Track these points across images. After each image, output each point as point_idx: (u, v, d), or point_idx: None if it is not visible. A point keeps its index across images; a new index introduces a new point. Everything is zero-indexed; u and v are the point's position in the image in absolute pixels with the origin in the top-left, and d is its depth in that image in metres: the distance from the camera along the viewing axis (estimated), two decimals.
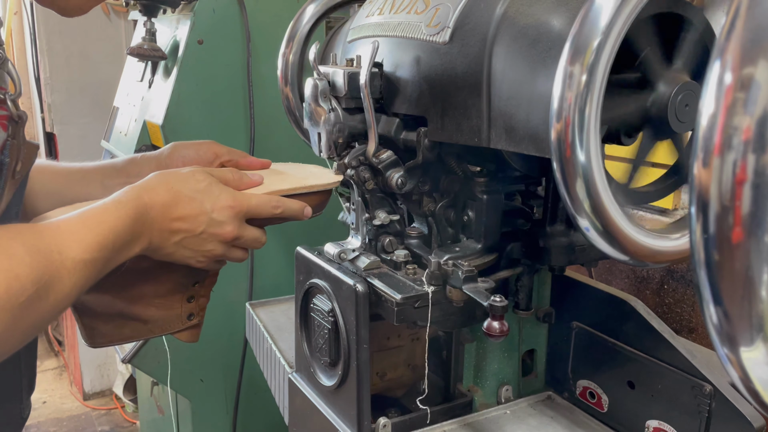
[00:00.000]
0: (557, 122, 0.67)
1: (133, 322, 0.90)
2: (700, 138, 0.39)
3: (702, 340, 1.32)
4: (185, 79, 1.80)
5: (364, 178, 0.99)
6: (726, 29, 0.38)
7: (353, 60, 0.99)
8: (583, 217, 0.69)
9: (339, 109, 0.98)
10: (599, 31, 0.64)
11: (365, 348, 0.95)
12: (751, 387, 0.41)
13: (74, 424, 3.20)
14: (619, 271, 1.53)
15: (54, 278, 0.67)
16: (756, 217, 0.37)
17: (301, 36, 1.21)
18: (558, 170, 0.68)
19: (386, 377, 1.12)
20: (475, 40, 0.83)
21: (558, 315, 1.11)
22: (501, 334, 0.81)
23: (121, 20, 3.10)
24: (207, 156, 1.00)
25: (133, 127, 1.97)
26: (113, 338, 0.91)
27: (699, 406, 0.88)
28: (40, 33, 3.02)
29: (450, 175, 1.01)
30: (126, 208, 0.77)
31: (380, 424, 1.00)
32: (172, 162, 1.00)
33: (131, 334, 0.92)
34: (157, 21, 1.86)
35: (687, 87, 0.75)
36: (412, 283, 0.93)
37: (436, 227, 1.03)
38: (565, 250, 0.96)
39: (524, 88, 0.78)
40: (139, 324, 0.90)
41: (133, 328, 0.91)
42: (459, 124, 0.87)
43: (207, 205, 0.82)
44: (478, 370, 1.11)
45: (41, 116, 3.19)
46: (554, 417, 1.08)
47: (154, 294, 0.89)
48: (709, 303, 0.41)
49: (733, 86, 0.37)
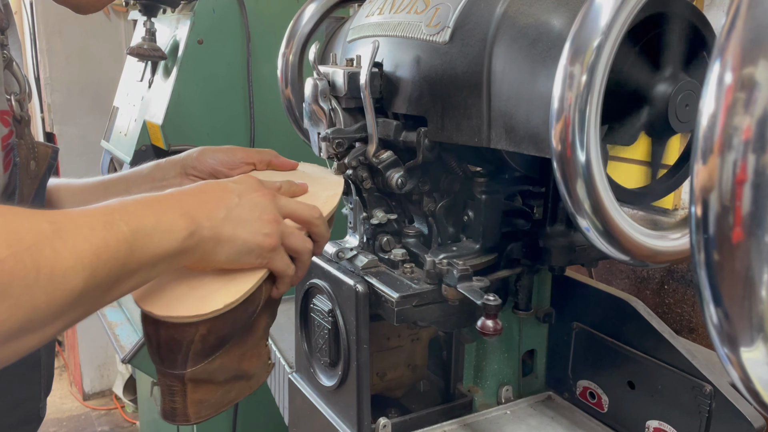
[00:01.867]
0: (557, 122, 0.67)
1: (239, 382, 0.81)
2: (701, 138, 0.39)
3: (702, 340, 1.32)
4: (185, 79, 1.80)
5: (361, 178, 0.99)
6: (726, 29, 0.38)
7: (353, 60, 0.99)
8: (583, 217, 0.69)
9: (339, 110, 0.98)
10: (599, 31, 0.64)
11: (365, 348, 0.95)
12: (751, 387, 0.41)
13: (74, 424, 3.20)
14: (619, 271, 1.53)
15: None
16: (756, 217, 0.37)
17: (301, 36, 1.21)
18: (558, 170, 0.68)
19: (386, 377, 1.12)
20: (475, 40, 0.83)
21: (558, 315, 1.11)
22: (495, 332, 0.81)
23: (121, 20, 3.10)
24: (234, 160, 0.96)
25: (133, 127, 1.97)
26: (220, 406, 0.81)
27: (699, 406, 0.88)
28: (40, 33, 3.02)
29: (450, 175, 1.01)
30: (146, 197, 0.70)
31: (380, 424, 1.00)
32: (198, 164, 0.97)
33: (236, 396, 0.82)
34: (157, 21, 1.86)
35: (687, 86, 0.75)
36: (410, 282, 0.94)
37: (436, 227, 1.03)
38: (565, 250, 0.96)
39: (524, 88, 0.78)
40: (243, 382, 0.82)
41: (239, 389, 0.82)
42: (459, 124, 0.87)
43: (231, 182, 0.76)
44: (478, 371, 1.11)
45: (41, 116, 3.19)
46: (554, 417, 1.08)
47: (253, 344, 0.80)
48: (710, 303, 0.41)
49: (733, 86, 0.37)
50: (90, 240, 0.58)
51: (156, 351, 0.73)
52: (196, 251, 0.68)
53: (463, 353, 1.10)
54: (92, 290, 0.58)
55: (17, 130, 0.79)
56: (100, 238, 0.59)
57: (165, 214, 0.66)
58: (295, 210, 0.78)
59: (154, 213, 0.66)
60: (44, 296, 0.54)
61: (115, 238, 0.60)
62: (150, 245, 0.63)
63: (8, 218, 0.54)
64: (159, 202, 0.69)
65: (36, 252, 0.53)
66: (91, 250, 0.58)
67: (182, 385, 0.75)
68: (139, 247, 0.62)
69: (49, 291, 0.54)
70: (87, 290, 0.58)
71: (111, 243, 0.60)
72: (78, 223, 0.59)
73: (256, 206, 0.73)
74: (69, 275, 0.55)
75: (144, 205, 0.66)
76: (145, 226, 0.64)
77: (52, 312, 0.55)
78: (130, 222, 0.62)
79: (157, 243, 0.64)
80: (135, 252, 0.62)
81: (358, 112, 0.99)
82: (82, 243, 0.57)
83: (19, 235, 0.53)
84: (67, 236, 0.57)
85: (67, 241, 0.56)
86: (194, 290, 0.71)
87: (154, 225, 0.64)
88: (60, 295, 0.55)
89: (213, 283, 0.72)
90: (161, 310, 0.68)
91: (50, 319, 0.55)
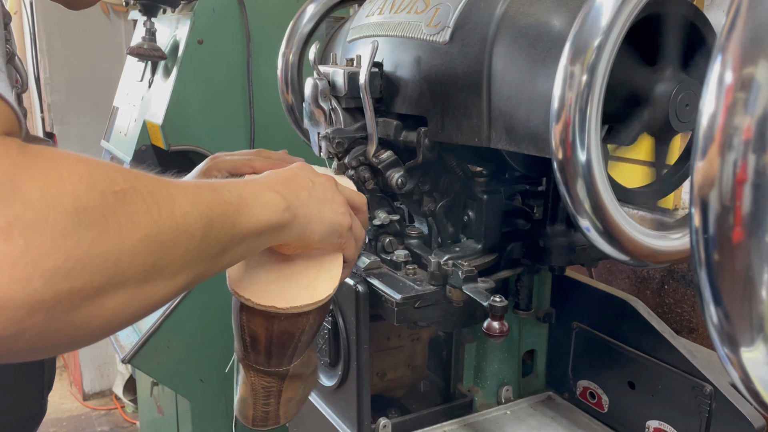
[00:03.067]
0: (557, 122, 0.67)
1: (313, 375, 0.83)
2: (701, 138, 0.39)
3: (702, 340, 1.32)
4: (185, 79, 1.80)
5: (363, 178, 0.99)
6: (726, 29, 0.38)
7: (353, 60, 0.99)
8: (583, 217, 0.69)
9: (339, 110, 0.98)
10: (600, 30, 0.64)
11: (365, 348, 0.95)
12: (752, 387, 0.41)
13: (74, 424, 3.20)
14: (619, 271, 1.53)
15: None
16: (756, 217, 0.37)
17: (301, 36, 1.21)
18: (558, 170, 0.68)
19: (386, 377, 1.12)
20: (475, 39, 0.83)
21: (558, 315, 1.11)
22: (501, 334, 0.81)
23: (121, 20, 3.10)
24: (244, 170, 0.98)
25: (133, 126, 1.97)
26: (300, 403, 0.83)
27: (699, 406, 0.88)
28: (40, 33, 3.02)
29: (450, 175, 1.01)
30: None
31: (380, 425, 1.00)
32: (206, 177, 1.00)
33: (309, 390, 0.84)
34: (157, 21, 1.86)
35: (687, 86, 0.75)
36: (412, 283, 0.93)
37: (436, 227, 1.03)
38: (566, 250, 0.96)
39: (524, 88, 0.78)
40: (315, 375, 0.83)
41: (311, 382, 0.83)
42: (459, 124, 0.87)
43: (299, 171, 0.77)
44: (479, 371, 1.11)
45: (41, 116, 3.19)
46: (554, 417, 1.08)
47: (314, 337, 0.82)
48: (710, 303, 0.41)
49: (733, 86, 0.37)
50: (201, 195, 0.58)
51: (265, 348, 0.73)
52: (294, 227, 0.69)
53: (463, 353, 1.10)
54: (210, 244, 0.58)
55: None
56: (209, 196, 0.59)
57: (260, 190, 0.68)
58: (350, 195, 0.80)
59: (250, 189, 0.67)
60: (170, 234, 0.52)
61: (222, 200, 0.60)
62: (254, 213, 0.64)
63: (113, 168, 0.52)
64: (248, 182, 0.69)
65: (154, 192, 0.52)
66: (204, 202, 0.57)
67: (280, 383, 0.75)
68: (245, 212, 0.63)
69: (174, 229, 0.53)
70: (205, 242, 0.57)
71: (219, 202, 0.60)
72: (181, 186, 0.58)
73: (327, 189, 0.76)
74: (189, 219, 0.55)
75: (238, 183, 0.67)
76: (247, 196, 0.64)
77: (179, 256, 0.54)
78: (232, 191, 0.63)
79: (260, 213, 0.65)
80: (242, 216, 0.62)
81: (358, 112, 0.99)
82: (194, 195, 0.57)
83: (137, 175, 0.51)
84: (176, 189, 0.55)
85: (180, 191, 0.55)
86: (294, 281, 0.73)
87: (253, 197, 0.65)
88: (184, 237, 0.54)
89: (306, 272, 0.74)
90: (281, 303, 0.69)
91: (178, 265, 0.54)
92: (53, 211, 0.43)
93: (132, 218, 0.48)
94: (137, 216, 0.49)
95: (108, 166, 0.50)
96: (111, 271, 0.46)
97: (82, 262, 0.44)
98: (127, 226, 0.48)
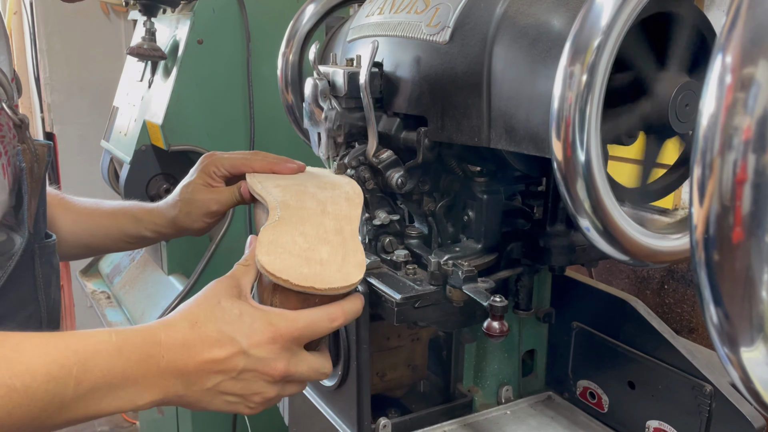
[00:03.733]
0: (557, 122, 0.67)
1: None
2: (701, 138, 0.39)
3: (702, 340, 1.32)
4: (185, 79, 1.80)
5: (363, 178, 0.99)
6: (726, 29, 0.38)
7: (353, 60, 0.99)
8: (583, 217, 0.69)
9: (339, 109, 0.98)
10: (600, 30, 0.64)
11: (365, 348, 0.95)
12: (752, 387, 0.41)
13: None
14: (619, 271, 1.53)
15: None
16: (756, 217, 0.37)
17: (301, 36, 1.21)
18: (558, 170, 0.68)
19: (386, 377, 1.12)
20: (475, 39, 0.83)
21: (558, 315, 1.11)
22: (501, 334, 0.81)
23: (121, 20, 3.10)
24: (243, 169, 0.99)
25: (133, 126, 1.97)
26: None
27: (699, 406, 0.88)
28: (40, 33, 3.02)
29: (450, 175, 1.01)
30: (125, 342, 0.61)
31: (380, 425, 1.00)
32: (199, 179, 1.00)
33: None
34: (157, 21, 1.86)
35: (687, 87, 0.74)
36: (412, 283, 0.93)
37: (436, 227, 1.03)
38: (565, 250, 0.95)
39: (524, 88, 0.78)
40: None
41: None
42: (459, 124, 0.87)
43: (241, 341, 0.66)
44: (478, 371, 1.11)
45: (41, 116, 3.19)
46: (554, 417, 1.08)
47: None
48: (710, 303, 0.41)
49: (733, 86, 0.37)
50: (10, 397, 0.53)
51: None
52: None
53: (463, 353, 1.10)
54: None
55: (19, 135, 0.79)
56: (27, 397, 0.54)
57: (135, 384, 0.60)
58: (303, 331, 0.70)
59: (123, 378, 0.59)
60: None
61: (47, 400, 0.55)
62: (93, 408, 0.60)
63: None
64: (139, 365, 0.61)
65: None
66: (4, 409, 0.53)
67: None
68: (76, 408, 0.59)
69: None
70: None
71: (37, 405, 0.55)
72: (13, 371, 0.53)
73: (250, 385, 0.68)
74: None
75: (116, 364, 0.59)
76: (99, 393, 0.59)
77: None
78: (82, 383, 0.57)
79: (103, 407, 0.60)
80: (65, 413, 0.58)
81: (358, 112, 0.99)
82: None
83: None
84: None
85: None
86: (325, 266, 0.75)
87: (110, 391, 0.59)
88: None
89: (334, 258, 0.78)
90: (319, 284, 0.72)
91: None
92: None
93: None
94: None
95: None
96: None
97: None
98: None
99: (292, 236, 0.79)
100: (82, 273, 2.30)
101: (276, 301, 0.73)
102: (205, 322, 0.66)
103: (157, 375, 0.62)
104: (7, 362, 0.54)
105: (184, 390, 0.64)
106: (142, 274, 2.07)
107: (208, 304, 0.68)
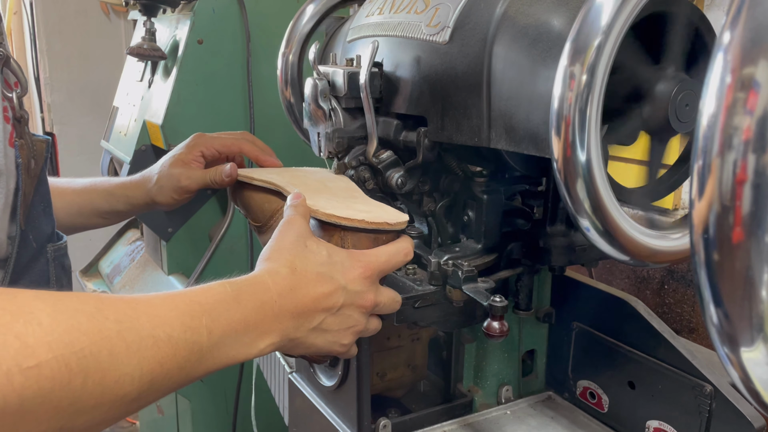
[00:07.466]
0: (557, 122, 0.67)
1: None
2: (701, 138, 0.39)
3: (702, 340, 1.32)
4: (185, 79, 1.80)
5: (363, 178, 0.99)
6: (726, 29, 0.38)
7: (353, 60, 0.99)
8: (583, 217, 0.69)
9: (339, 110, 0.98)
10: (600, 30, 0.64)
11: (365, 348, 0.95)
12: (752, 387, 0.41)
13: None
14: (619, 271, 1.53)
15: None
16: (756, 217, 0.37)
17: (301, 36, 1.21)
18: (558, 170, 0.68)
19: (386, 377, 1.12)
20: (475, 39, 0.83)
21: (558, 315, 1.11)
22: (501, 334, 0.81)
23: (121, 20, 3.10)
24: (232, 149, 1.01)
25: (133, 126, 1.97)
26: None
27: (699, 406, 0.88)
28: (40, 33, 3.02)
29: (450, 175, 1.01)
30: (240, 291, 0.64)
31: (380, 425, 1.00)
32: (183, 154, 1.01)
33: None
34: (157, 21, 1.86)
35: (687, 86, 0.74)
36: (412, 283, 0.93)
37: (436, 227, 1.03)
38: (565, 250, 0.95)
39: (524, 88, 0.78)
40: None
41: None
42: (459, 124, 0.87)
43: (339, 278, 0.71)
44: (478, 371, 1.11)
45: (41, 116, 3.19)
46: (554, 417, 1.08)
47: None
48: (710, 303, 0.41)
49: (733, 86, 0.37)
50: (159, 347, 0.54)
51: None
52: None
53: (463, 353, 1.10)
54: (146, 397, 0.55)
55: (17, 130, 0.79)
56: (172, 346, 0.56)
57: (255, 329, 0.64)
58: (385, 265, 0.77)
59: (245, 325, 0.63)
60: (90, 400, 0.50)
61: (188, 348, 0.57)
62: (225, 356, 0.62)
63: (68, 315, 0.50)
64: (256, 311, 0.64)
65: (87, 355, 0.49)
66: (155, 359, 0.54)
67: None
68: (212, 357, 0.60)
69: (96, 396, 0.50)
70: (140, 397, 0.54)
71: (181, 353, 0.56)
72: (153, 323, 0.55)
73: (347, 319, 0.73)
74: (123, 381, 0.52)
75: (236, 312, 0.62)
76: (228, 339, 0.61)
77: (98, 415, 0.51)
78: (213, 332, 0.60)
79: (233, 355, 0.63)
80: (204, 362, 0.60)
81: (358, 111, 0.99)
82: (147, 349, 0.53)
83: (69, 337, 0.49)
84: (131, 338, 0.52)
85: (131, 345, 0.52)
86: (375, 211, 0.80)
87: (237, 337, 0.62)
88: (109, 399, 0.51)
89: (377, 207, 0.85)
90: (389, 220, 0.78)
91: (95, 422, 0.52)
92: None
93: (45, 395, 0.47)
94: (52, 392, 0.47)
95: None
96: None
97: None
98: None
99: (324, 199, 0.83)
100: (82, 273, 2.30)
101: (348, 245, 0.77)
102: (303, 265, 0.70)
103: (273, 319, 0.66)
104: (147, 316, 0.56)
105: (294, 331, 0.68)
106: (142, 274, 2.07)
107: (298, 249, 0.71)
